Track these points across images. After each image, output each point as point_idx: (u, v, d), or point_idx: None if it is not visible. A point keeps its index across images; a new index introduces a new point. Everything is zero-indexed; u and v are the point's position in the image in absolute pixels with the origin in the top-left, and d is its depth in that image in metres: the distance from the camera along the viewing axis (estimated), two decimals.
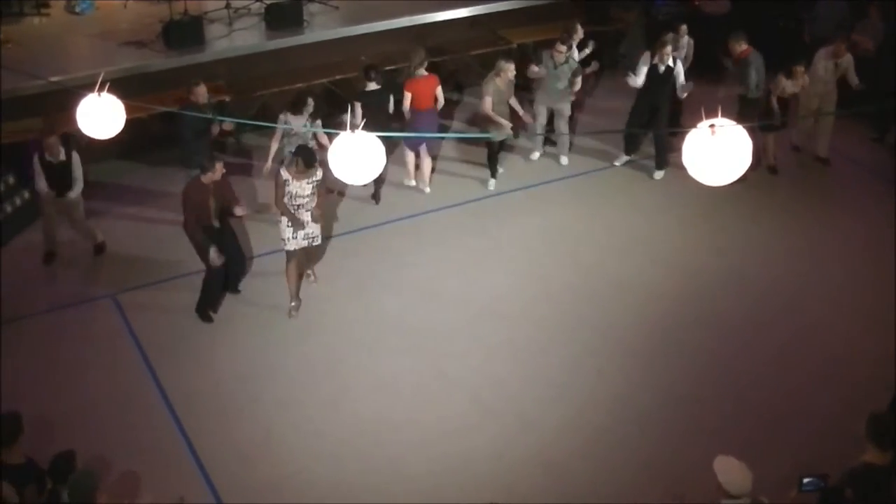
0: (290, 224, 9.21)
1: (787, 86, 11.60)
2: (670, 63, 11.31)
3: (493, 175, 11.76)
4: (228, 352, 9.13)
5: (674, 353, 9.17)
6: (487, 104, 11.06)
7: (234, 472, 7.85)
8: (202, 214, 9.12)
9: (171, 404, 8.50)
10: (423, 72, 11.13)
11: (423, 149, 11.49)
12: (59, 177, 9.85)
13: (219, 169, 9.02)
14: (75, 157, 9.90)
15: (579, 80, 11.66)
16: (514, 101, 11.44)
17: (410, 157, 11.58)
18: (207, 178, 8.99)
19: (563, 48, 11.43)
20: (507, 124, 11.18)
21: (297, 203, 9.17)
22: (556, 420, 8.41)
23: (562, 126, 12.04)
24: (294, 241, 9.32)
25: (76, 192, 10.02)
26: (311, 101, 10.28)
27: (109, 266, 10.27)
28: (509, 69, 11.07)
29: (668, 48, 11.25)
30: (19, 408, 6.54)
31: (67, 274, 10.16)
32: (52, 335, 9.31)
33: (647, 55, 11.45)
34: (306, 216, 9.26)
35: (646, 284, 10.07)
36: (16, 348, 9.04)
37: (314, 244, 9.54)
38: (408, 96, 11.07)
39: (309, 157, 9.07)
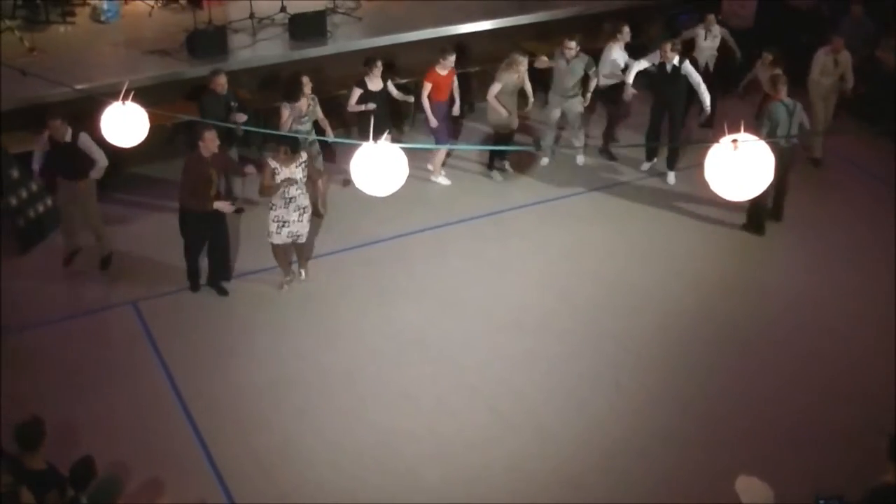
0: (275, 219, 9.50)
1: (759, 72, 12.02)
2: (675, 62, 11.35)
3: (492, 167, 12.03)
4: (247, 360, 9.15)
5: (693, 368, 9.13)
6: (494, 89, 11.47)
7: (251, 480, 7.86)
8: (203, 189, 9.24)
9: (189, 412, 8.53)
10: (442, 70, 11.38)
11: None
12: (68, 160, 9.69)
13: (209, 139, 9.11)
14: (83, 137, 9.57)
15: (594, 73, 11.87)
16: (527, 84, 11.74)
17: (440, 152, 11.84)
18: (205, 149, 9.13)
19: (572, 44, 11.60)
20: (508, 113, 11.56)
21: (291, 195, 9.39)
22: (576, 433, 8.39)
23: (575, 124, 12.19)
24: (278, 235, 9.60)
25: (97, 172, 9.80)
26: (304, 80, 10.51)
27: (130, 273, 10.29)
28: (523, 62, 11.51)
29: (669, 45, 11.39)
30: (39, 414, 6.54)
31: (89, 280, 10.20)
32: (72, 341, 9.35)
33: (641, 61, 11.67)
34: (294, 215, 9.49)
35: (666, 298, 10.04)
36: (36, 354, 9.10)
37: (299, 242, 9.78)
38: (427, 87, 11.40)
39: (294, 142, 9.39)
